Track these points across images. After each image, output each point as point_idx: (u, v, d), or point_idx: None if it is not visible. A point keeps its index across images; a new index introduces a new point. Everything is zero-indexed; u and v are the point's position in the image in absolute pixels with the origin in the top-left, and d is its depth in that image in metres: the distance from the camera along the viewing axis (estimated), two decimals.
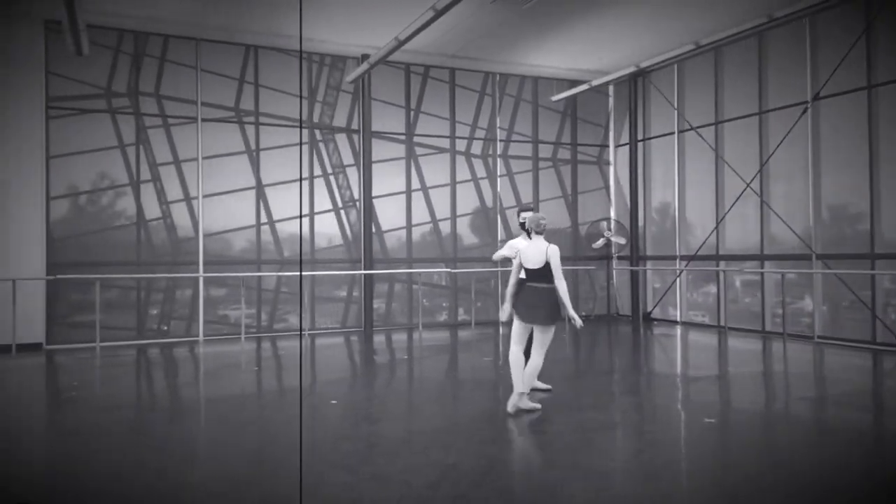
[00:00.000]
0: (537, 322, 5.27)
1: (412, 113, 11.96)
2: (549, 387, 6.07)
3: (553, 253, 5.19)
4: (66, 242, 9.68)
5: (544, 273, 5.22)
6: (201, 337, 10.31)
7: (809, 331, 9.63)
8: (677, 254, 12.02)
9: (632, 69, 10.48)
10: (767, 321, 10.38)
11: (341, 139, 11.52)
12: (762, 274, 10.43)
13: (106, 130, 9.96)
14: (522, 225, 5.99)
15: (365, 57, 10.91)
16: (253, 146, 10.82)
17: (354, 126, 11.52)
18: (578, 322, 5.22)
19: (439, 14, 7.56)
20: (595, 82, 11.16)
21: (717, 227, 11.17)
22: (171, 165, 10.38)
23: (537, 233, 5.34)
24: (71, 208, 9.81)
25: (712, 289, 11.45)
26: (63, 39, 8.81)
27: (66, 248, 9.64)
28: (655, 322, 12.19)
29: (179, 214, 10.41)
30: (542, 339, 5.31)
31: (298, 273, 10.86)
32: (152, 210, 10.25)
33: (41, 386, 7.34)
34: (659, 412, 5.62)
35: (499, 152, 12.56)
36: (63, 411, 5.98)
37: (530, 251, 5.31)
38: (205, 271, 10.33)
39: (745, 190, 10.64)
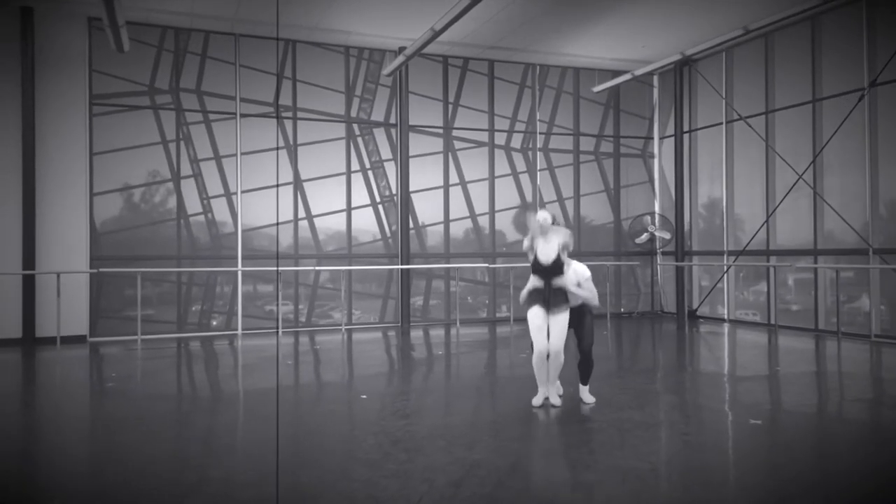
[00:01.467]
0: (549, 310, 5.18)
1: (450, 106, 11.82)
2: (558, 402, 5.42)
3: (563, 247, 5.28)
4: (109, 237, 9.87)
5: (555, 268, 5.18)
6: (240, 331, 10.39)
7: (866, 329, 9.12)
8: (725, 249, 11.57)
9: (677, 57, 10.10)
10: (821, 319, 9.89)
11: (379, 134, 11.46)
12: (815, 270, 9.94)
13: (148, 127, 10.11)
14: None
15: (402, 49, 10.80)
16: (291, 141, 10.85)
17: (392, 120, 11.45)
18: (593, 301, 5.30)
19: (475, 2, 7.39)
20: (638, 72, 10.81)
21: (766, 222, 10.70)
22: (212, 161, 10.48)
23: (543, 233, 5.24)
24: (114, 204, 9.99)
25: (762, 286, 10.99)
26: (105, 37, 8.99)
27: (109, 242, 9.83)
28: (702, 320, 11.77)
29: (219, 209, 10.51)
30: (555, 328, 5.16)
31: (335, 268, 10.85)
32: (193, 205, 10.36)
33: (85, 376, 7.47)
34: (702, 413, 5.35)
35: (539, 146, 12.31)
36: (104, 401, 6.04)
37: (542, 247, 5.22)
38: (244, 266, 10.40)
39: (797, 182, 10.16)
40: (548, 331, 5.23)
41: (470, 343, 9.50)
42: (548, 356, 5.21)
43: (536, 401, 5.32)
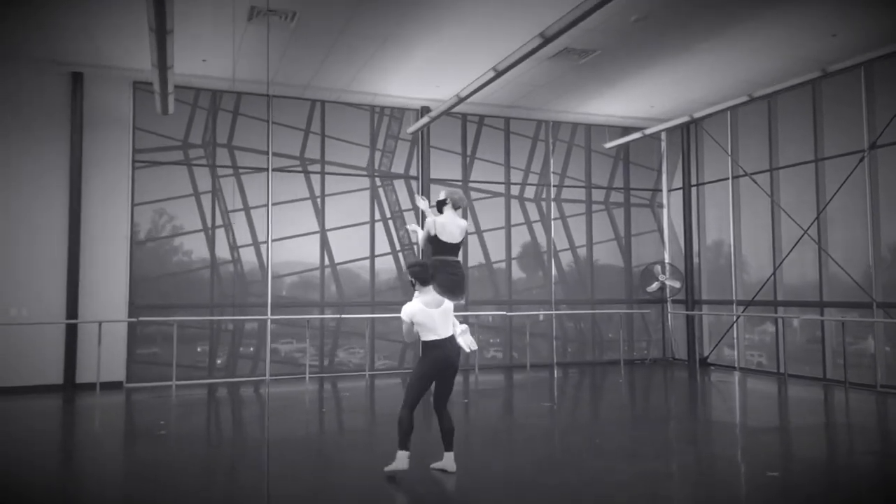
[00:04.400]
0: None
1: (467, 159, 12.40)
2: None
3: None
4: (145, 285, 10.33)
5: None
6: (268, 376, 10.77)
7: (871, 379, 9.49)
8: (734, 298, 12.00)
9: (686, 119, 10.66)
10: (829, 367, 10.26)
11: (399, 185, 11.99)
12: (822, 322, 10.35)
13: (182, 179, 10.66)
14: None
15: (425, 109, 11.43)
16: (317, 192, 11.39)
17: (412, 172, 12.00)
18: None
19: (500, 74, 7.98)
20: (649, 131, 11.38)
21: (774, 273, 11.15)
22: (241, 212, 10.99)
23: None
24: (150, 252, 10.49)
25: (770, 328, 11.39)
26: (150, 99, 9.61)
27: (145, 290, 10.29)
28: (713, 367, 12.13)
29: (249, 258, 10.99)
30: None
31: (360, 316, 11.27)
32: (223, 253, 10.84)
33: (131, 423, 7.85)
34: (719, 463, 5.72)
35: (552, 196, 12.85)
36: (160, 447, 6.42)
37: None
38: (272, 313, 10.84)
39: (802, 237, 10.64)
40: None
41: (487, 390, 9.86)
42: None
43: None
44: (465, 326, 5.41)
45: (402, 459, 4.97)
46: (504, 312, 12.26)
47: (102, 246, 9.90)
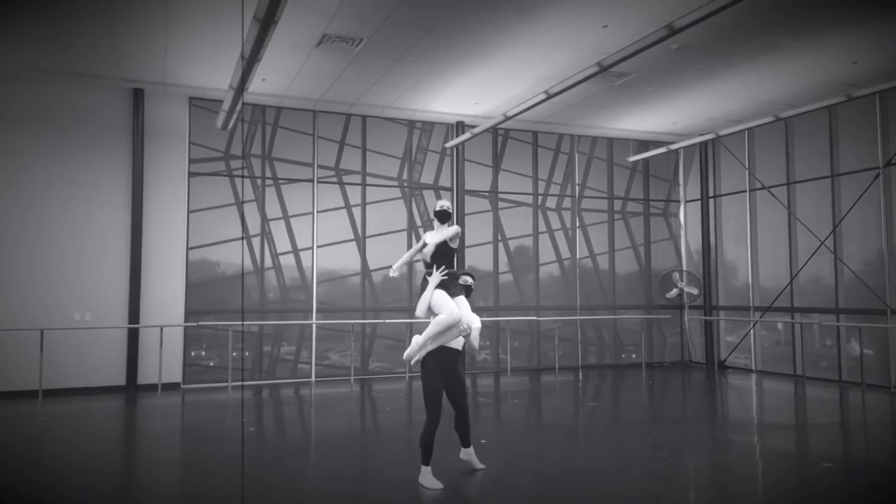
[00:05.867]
0: None
1: (496, 171, 12.98)
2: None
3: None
4: (200, 290, 10.81)
5: None
6: (313, 378, 11.28)
7: (886, 381, 10.19)
8: (751, 304, 12.67)
9: (711, 136, 11.31)
10: (844, 370, 10.95)
11: (429, 195, 12.51)
12: (838, 328, 11.04)
13: (226, 189, 11.14)
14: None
15: (460, 124, 12.01)
16: (352, 202, 11.89)
17: (441, 183, 12.51)
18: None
19: (550, 97, 8.58)
20: (675, 146, 12.01)
21: (791, 283, 11.83)
22: (282, 220, 11.46)
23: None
24: (204, 259, 10.97)
25: (785, 336, 12.08)
26: (204, 113, 10.10)
27: (199, 295, 10.77)
28: (730, 370, 12.79)
29: (294, 265, 11.47)
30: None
31: (399, 321, 11.81)
32: (268, 260, 11.33)
33: (227, 420, 8.34)
34: (775, 458, 6.33)
35: (577, 206, 13.47)
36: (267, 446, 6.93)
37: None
38: (317, 318, 11.34)
39: (819, 248, 11.33)
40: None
41: (523, 391, 10.45)
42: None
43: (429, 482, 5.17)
44: (415, 337, 5.38)
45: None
46: (532, 318, 12.83)
47: (161, 254, 10.36)
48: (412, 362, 5.24)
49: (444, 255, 5.52)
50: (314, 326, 11.38)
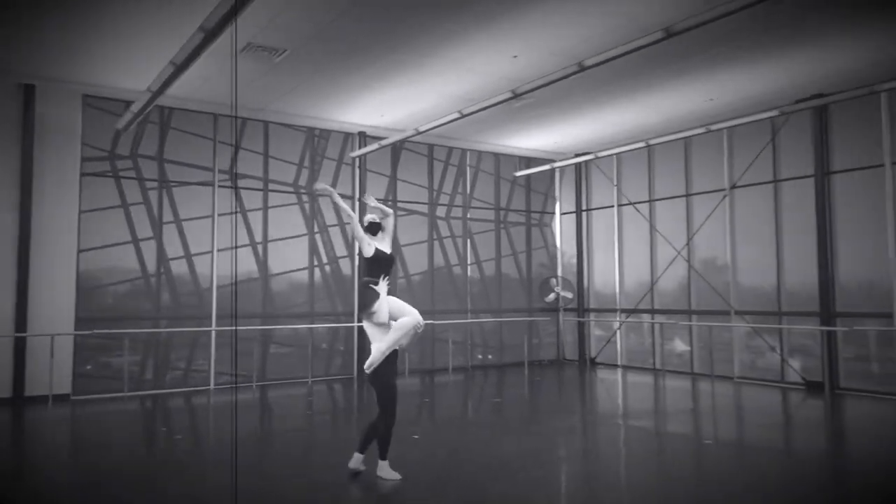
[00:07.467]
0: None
1: (393, 181, 13.52)
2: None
3: None
4: (92, 295, 10.32)
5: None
6: (212, 386, 11.13)
7: (730, 371, 11.98)
8: (618, 307, 14.22)
9: (591, 157, 12.66)
10: (696, 363, 12.68)
11: (325, 202, 12.74)
12: (690, 326, 12.76)
13: (126, 191, 10.75)
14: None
15: (362, 134, 12.43)
16: (247, 206, 11.89)
17: (340, 191, 12.79)
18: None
19: (463, 116, 9.31)
20: (558, 164, 13.25)
21: (652, 288, 13.47)
22: (187, 222, 11.23)
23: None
24: (95, 263, 10.47)
25: (647, 338, 13.72)
26: (105, 116, 9.73)
27: (91, 301, 10.28)
28: (600, 365, 14.25)
29: (187, 270, 11.23)
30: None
31: (300, 326, 11.95)
32: (162, 266, 11.02)
33: (133, 432, 8.09)
34: (659, 438, 7.44)
35: (464, 216, 14.34)
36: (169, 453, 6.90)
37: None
38: (217, 323, 11.21)
39: (675, 257, 13.03)
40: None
41: (426, 391, 11.08)
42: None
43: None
44: (376, 346, 5.58)
45: (354, 459, 5.66)
46: (428, 321, 13.47)
47: (50, 257, 9.79)
48: (370, 370, 5.59)
49: (387, 263, 5.89)
50: (213, 333, 11.24)
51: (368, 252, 5.75)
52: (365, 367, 5.59)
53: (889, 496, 5.35)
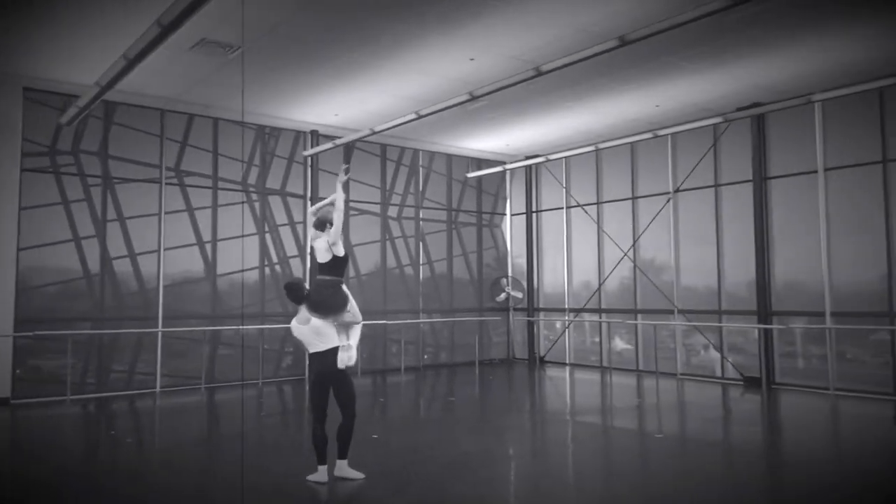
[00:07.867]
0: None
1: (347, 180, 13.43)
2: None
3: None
4: (32, 295, 9.92)
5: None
6: (158, 388, 10.85)
7: (673, 368, 12.42)
8: (567, 307, 14.53)
9: (542, 159, 12.91)
10: (641, 361, 13.09)
11: (274, 201, 12.59)
12: (636, 326, 13.17)
13: (67, 188, 10.38)
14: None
15: (314, 133, 12.34)
16: (197, 204, 11.64)
17: (288, 189, 12.65)
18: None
19: (420, 117, 9.36)
20: (510, 166, 13.45)
21: (599, 288, 13.84)
22: (116, 222, 10.87)
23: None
24: (36, 261, 10.07)
25: (593, 336, 14.08)
26: (46, 110, 9.37)
27: (31, 301, 9.88)
28: (549, 364, 14.53)
29: (131, 269, 10.91)
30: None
31: (254, 327, 11.78)
32: (109, 265, 10.69)
33: (87, 435, 7.82)
34: (611, 432, 7.68)
35: (416, 216, 14.40)
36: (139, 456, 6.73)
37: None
38: (163, 324, 10.93)
39: (622, 258, 13.42)
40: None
41: (378, 391, 11.10)
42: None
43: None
44: (348, 343, 5.54)
45: (321, 473, 5.49)
46: (381, 321, 13.49)
47: None
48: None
49: (342, 263, 5.72)
50: (160, 335, 10.96)
51: (340, 251, 5.66)
52: (340, 365, 5.46)
53: (824, 483, 5.70)
